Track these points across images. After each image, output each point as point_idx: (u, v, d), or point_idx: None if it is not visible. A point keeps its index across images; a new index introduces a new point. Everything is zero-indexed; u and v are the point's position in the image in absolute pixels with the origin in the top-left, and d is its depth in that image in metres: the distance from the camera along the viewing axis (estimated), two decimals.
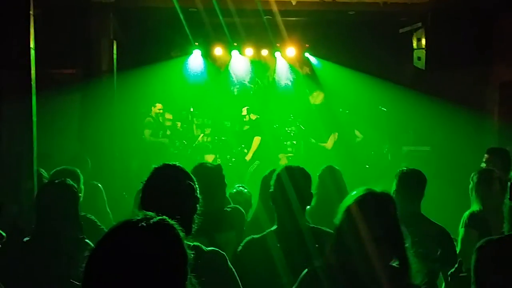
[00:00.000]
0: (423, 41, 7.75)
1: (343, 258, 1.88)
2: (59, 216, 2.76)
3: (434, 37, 7.67)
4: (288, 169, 2.75)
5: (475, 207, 4.06)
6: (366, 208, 1.89)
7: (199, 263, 2.00)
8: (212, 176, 3.16)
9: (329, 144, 8.81)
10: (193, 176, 2.15)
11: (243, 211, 3.49)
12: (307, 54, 10.52)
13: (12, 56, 3.53)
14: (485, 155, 5.34)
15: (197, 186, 2.13)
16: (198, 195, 2.12)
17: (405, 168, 3.66)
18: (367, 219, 1.86)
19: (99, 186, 5.29)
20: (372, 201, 1.92)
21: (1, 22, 3.47)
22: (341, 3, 7.61)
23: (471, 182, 4.13)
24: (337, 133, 8.97)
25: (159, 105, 9.18)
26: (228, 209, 3.36)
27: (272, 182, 2.75)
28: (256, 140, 8.75)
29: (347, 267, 1.86)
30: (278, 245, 2.51)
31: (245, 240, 2.71)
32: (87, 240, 2.81)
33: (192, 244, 2.06)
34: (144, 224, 1.29)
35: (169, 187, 2.05)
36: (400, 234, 1.90)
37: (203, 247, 2.11)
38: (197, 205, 2.10)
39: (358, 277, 1.84)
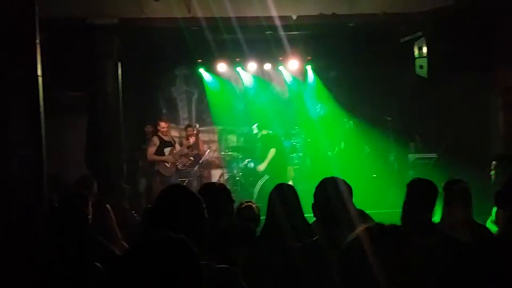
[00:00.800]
0: (424, 50, 7.79)
1: None
2: (70, 241, 2.80)
3: (435, 45, 7.71)
4: (332, 180, 2.74)
5: (435, 218, 3.80)
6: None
7: (210, 281, 2.04)
8: (218, 194, 3.20)
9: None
10: (199, 196, 2.19)
11: (252, 226, 3.52)
12: (309, 67, 10.60)
13: (20, 84, 3.62)
14: (493, 162, 5.31)
15: (204, 205, 2.16)
16: (206, 215, 2.15)
17: (416, 178, 3.62)
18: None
19: (107, 206, 5.33)
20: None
21: (9, 51, 3.56)
22: (340, 15, 7.69)
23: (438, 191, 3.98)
24: (343, 143, 9.02)
25: (163, 124, 9.09)
26: (237, 225, 3.38)
27: (313, 194, 2.75)
28: (272, 152, 8.79)
29: None
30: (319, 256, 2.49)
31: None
32: (96, 264, 2.85)
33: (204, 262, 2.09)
34: (163, 243, 1.38)
35: (177, 210, 2.09)
36: None
37: (214, 264, 2.13)
38: (206, 225, 2.14)
39: None
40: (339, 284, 1.49)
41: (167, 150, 8.67)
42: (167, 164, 8.68)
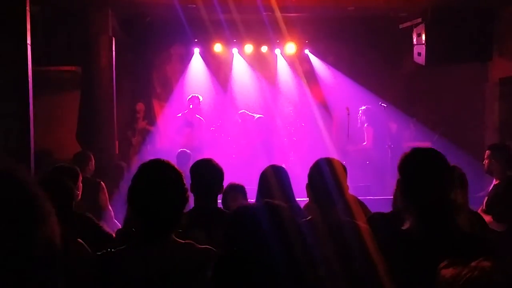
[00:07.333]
0: (423, 37, 7.72)
1: None
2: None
3: (434, 32, 7.63)
4: (326, 161, 2.72)
5: None
6: None
7: (192, 261, 2.00)
8: (210, 172, 3.16)
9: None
10: (180, 172, 2.14)
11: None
12: (307, 51, 10.49)
13: (9, 52, 3.52)
14: (487, 151, 5.31)
15: (184, 181, 2.11)
16: (185, 188, 2.10)
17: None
18: None
19: (101, 183, 5.26)
20: None
21: None
22: None
23: None
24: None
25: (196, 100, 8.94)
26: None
27: (308, 174, 2.71)
28: None
29: None
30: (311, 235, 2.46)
31: None
32: (79, 240, 2.80)
33: (184, 241, 2.05)
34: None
35: (155, 182, 2.04)
36: None
37: (196, 245, 2.09)
38: (185, 198, 2.10)
39: None
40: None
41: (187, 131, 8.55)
42: None
